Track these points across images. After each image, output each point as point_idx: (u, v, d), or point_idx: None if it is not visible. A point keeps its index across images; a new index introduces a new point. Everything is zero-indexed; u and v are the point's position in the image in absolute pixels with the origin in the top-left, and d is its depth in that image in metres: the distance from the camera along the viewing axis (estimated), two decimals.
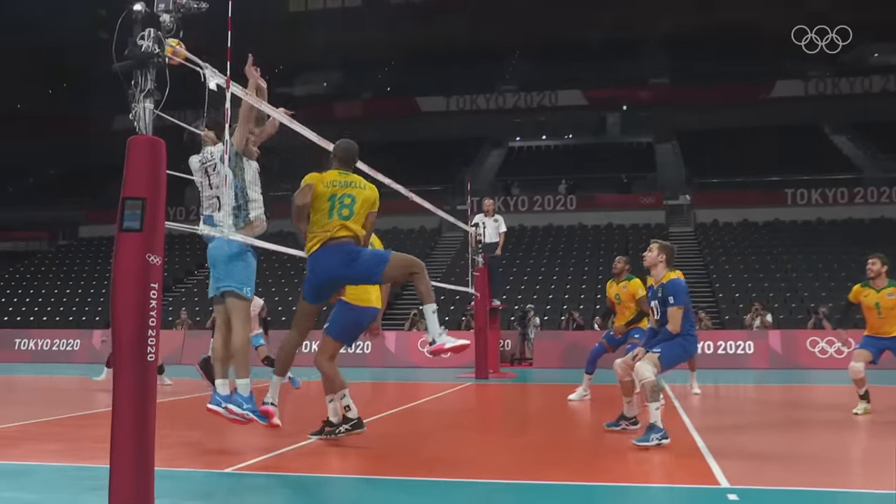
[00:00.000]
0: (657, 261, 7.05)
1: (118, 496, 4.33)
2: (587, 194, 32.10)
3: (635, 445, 6.34)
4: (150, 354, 4.37)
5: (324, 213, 5.92)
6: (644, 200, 31.36)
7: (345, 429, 6.64)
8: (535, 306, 21.50)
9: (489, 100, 40.22)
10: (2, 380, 15.23)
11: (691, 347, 6.90)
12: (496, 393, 12.66)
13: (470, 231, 15.27)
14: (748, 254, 26.40)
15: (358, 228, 5.97)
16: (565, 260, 27.06)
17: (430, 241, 30.35)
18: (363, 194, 6.05)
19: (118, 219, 4.41)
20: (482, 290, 14.96)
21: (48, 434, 7.43)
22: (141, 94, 4.40)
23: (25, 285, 28.72)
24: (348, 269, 5.86)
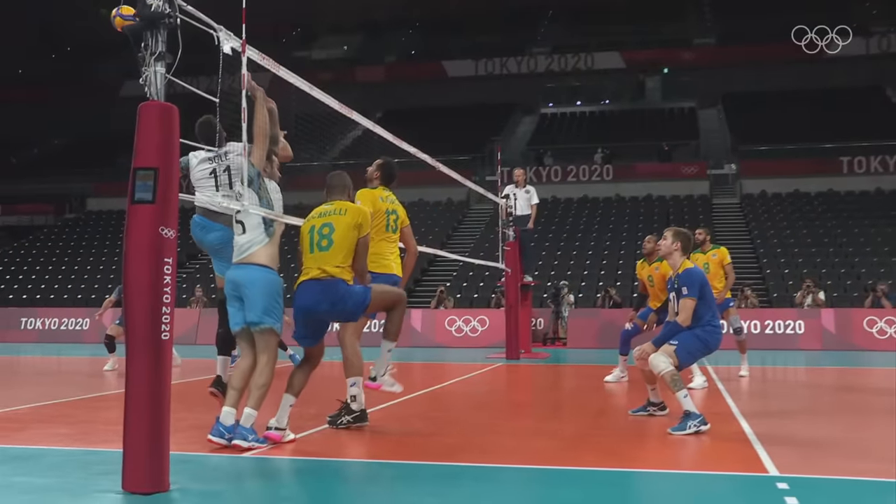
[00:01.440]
0: (672, 249, 7.02)
1: (132, 481, 4.41)
2: (625, 164, 31.86)
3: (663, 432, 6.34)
4: (164, 333, 4.42)
5: (305, 249, 6.06)
6: (686, 170, 31.06)
7: (346, 420, 6.64)
8: (569, 283, 21.44)
9: (520, 63, 39.95)
10: (9, 361, 15.50)
11: (713, 340, 6.83)
12: (528, 374, 12.68)
13: (500, 203, 15.24)
14: (799, 227, 26.12)
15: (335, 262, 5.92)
16: (601, 234, 26.93)
17: (457, 213, 30.34)
18: (342, 221, 6.00)
19: (129, 190, 4.45)
20: (513, 265, 14.94)
21: (58, 417, 7.55)
22: (151, 57, 4.41)
23: (31, 262, 29.10)
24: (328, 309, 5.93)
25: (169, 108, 4.48)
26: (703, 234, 11.04)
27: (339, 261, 5.92)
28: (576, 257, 25.23)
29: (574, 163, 31.96)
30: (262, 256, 5.83)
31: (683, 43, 39.73)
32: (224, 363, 6.72)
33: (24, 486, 4.69)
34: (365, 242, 6.02)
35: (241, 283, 5.82)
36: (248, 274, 5.82)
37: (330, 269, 5.90)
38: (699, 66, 38.41)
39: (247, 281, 5.80)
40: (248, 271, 5.83)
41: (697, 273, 6.87)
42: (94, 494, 4.48)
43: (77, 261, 28.30)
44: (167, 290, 4.45)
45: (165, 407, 4.48)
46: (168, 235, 4.45)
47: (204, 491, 4.61)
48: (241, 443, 5.63)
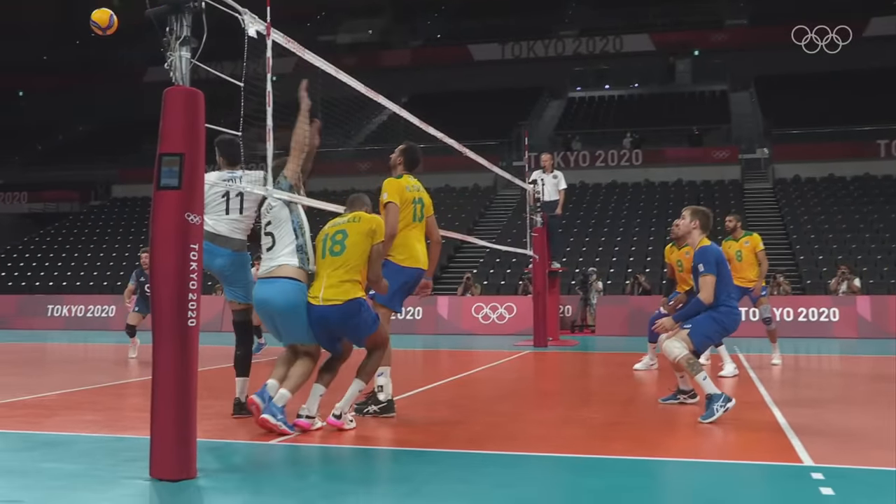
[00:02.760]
0: (690, 228, 6.97)
1: (159, 468, 4.46)
2: (654, 148, 31.64)
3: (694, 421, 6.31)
4: (191, 319, 4.45)
5: (318, 256, 6.02)
6: (717, 154, 30.79)
7: (372, 410, 6.66)
8: (598, 269, 21.38)
9: (547, 46, 39.72)
10: (36, 347, 15.72)
11: (729, 321, 6.73)
12: (556, 362, 12.67)
13: (527, 189, 15.20)
14: (833, 212, 25.83)
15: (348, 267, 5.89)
16: (630, 219, 26.80)
17: (484, 199, 30.30)
18: (356, 227, 5.99)
19: (155, 176, 4.47)
20: (541, 251, 14.91)
21: (86, 403, 7.65)
22: (176, 41, 4.42)
23: (57, 249, 29.44)
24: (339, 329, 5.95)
25: (194, 92, 4.50)
26: (734, 221, 10.93)
27: (351, 265, 5.86)
28: (604, 244, 25.13)
29: (602, 147, 31.78)
30: (291, 269, 5.79)
31: (715, 24, 39.30)
32: (243, 385, 6.61)
33: (54, 472, 4.75)
34: (378, 250, 6.00)
35: (272, 309, 5.88)
36: (276, 293, 5.80)
37: (342, 286, 5.81)
38: (731, 48, 37.99)
39: (277, 307, 5.84)
40: (275, 288, 5.81)
41: (713, 249, 6.81)
42: (122, 481, 4.54)
43: (102, 248, 28.59)
44: (193, 277, 4.47)
45: (192, 394, 4.52)
46: (194, 221, 4.47)
47: (231, 478, 4.65)
48: (269, 418, 5.68)
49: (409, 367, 11.56)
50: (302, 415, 5.91)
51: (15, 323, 21.96)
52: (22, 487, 4.42)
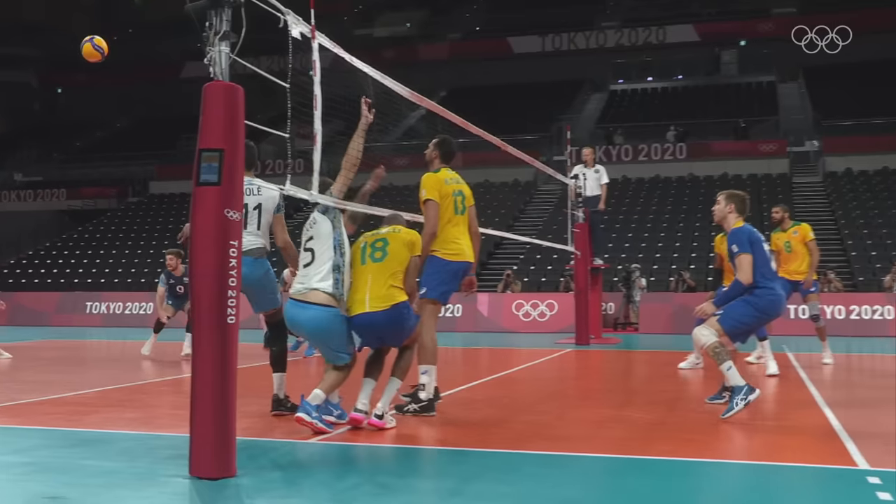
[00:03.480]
0: (726, 212, 6.94)
1: (199, 466, 4.50)
2: (699, 141, 31.33)
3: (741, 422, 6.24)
4: (230, 317, 4.49)
5: (355, 263, 6.08)
6: (764, 148, 30.40)
7: (413, 409, 6.68)
8: (641, 266, 21.24)
9: (589, 38, 39.48)
10: (75, 345, 15.98)
11: (766, 304, 6.62)
12: (598, 360, 12.61)
13: (569, 184, 15.14)
14: (887, 206, 25.38)
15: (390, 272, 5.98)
16: (674, 214, 26.59)
17: (524, 194, 30.24)
18: (397, 237, 6.13)
19: (194, 172, 4.51)
20: (582, 248, 14.85)
21: (125, 401, 7.76)
22: (216, 36, 4.46)
23: (95, 245, 29.90)
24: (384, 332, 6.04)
25: (234, 87, 4.53)
26: (781, 212, 10.86)
27: (393, 270, 5.95)
28: (648, 240, 24.95)
29: (646, 141, 31.54)
30: (323, 296, 5.79)
31: (762, 13, 38.75)
32: (281, 381, 6.66)
33: (94, 469, 4.82)
34: (416, 263, 6.12)
35: (303, 332, 6.00)
36: (307, 320, 5.84)
37: (387, 289, 5.90)
38: (779, 37, 37.43)
39: (308, 332, 5.94)
40: (307, 314, 5.82)
41: (745, 229, 6.76)
42: (161, 479, 4.59)
43: (140, 244, 28.97)
44: (233, 274, 4.50)
45: (232, 392, 4.56)
46: (233, 218, 4.50)
47: (271, 477, 4.68)
48: (303, 416, 5.72)
49: (450, 366, 11.56)
50: (360, 409, 5.97)
51: (54, 320, 22.33)
52: (63, 485, 4.49)
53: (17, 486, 4.49)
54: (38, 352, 13.86)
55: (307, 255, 5.92)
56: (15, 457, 5.17)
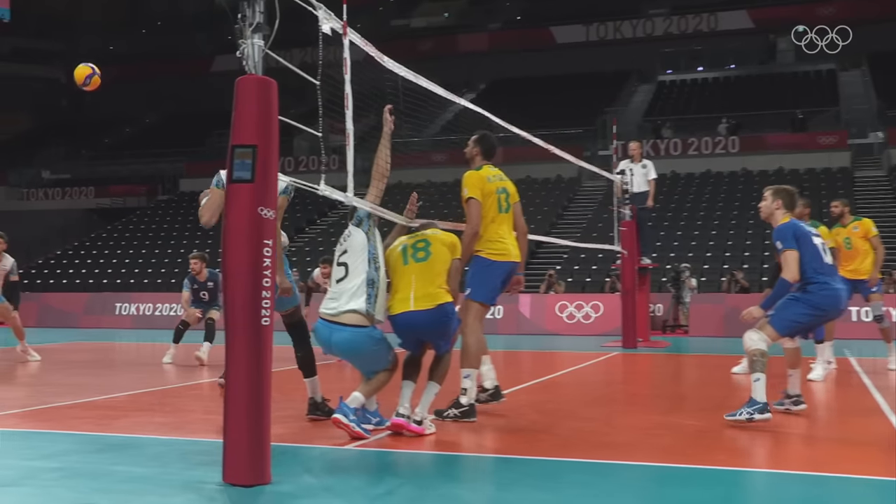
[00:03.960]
0: (773, 209, 6.86)
1: (232, 473, 4.55)
2: (753, 134, 30.98)
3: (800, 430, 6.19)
4: (264, 318, 4.53)
5: (397, 265, 6.17)
6: (824, 140, 29.99)
7: (453, 413, 6.71)
8: (691, 265, 21.07)
9: (636, 26, 39.23)
10: (105, 347, 16.21)
11: (821, 300, 6.51)
12: (646, 364, 12.54)
13: (615, 180, 15.07)
14: None
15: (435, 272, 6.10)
16: (726, 211, 26.33)
17: (567, 191, 30.13)
18: (438, 239, 6.26)
19: (227, 169, 4.56)
20: (629, 247, 14.77)
21: (156, 405, 7.87)
22: (249, 28, 4.50)
23: (125, 245, 30.30)
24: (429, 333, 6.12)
25: (267, 81, 4.57)
26: (840, 207, 10.71)
27: (437, 270, 6.07)
28: (698, 238, 24.75)
29: (696, 134, 31.25)
30: (356, 317, 5.82)
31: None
32: (314, 384, 6.68)
33: (125, 475, 4.90)
34: (457, 266, 6.23)
35: (336, 353, 6.03)
36: (341, 342, 5.88)
37: (433, 289, 6.01)
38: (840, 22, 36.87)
39: (343, 351, 5.97)
40: (341, 336, 5.86)
41: (790, 224, 6.71)
42: (194, 486, 4.65)
43: (171, 244, 29.32)
44: (267, 274, 4.54)
45: (266, 396, 4.60)
46: (267, 216, 4.55)
47: (306, 484, 4.72)
48: (340, 417, 5.76)
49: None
50: (403, 414, 6.01)
51: (82, 321, 22.67)
52: (94, 490, 4.56)
53: (47, 492, 4.57)
54: (67, 354, 14.10)
55: (340, 269, 5.95)
56: (44, 462, 5.26)
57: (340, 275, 5.95)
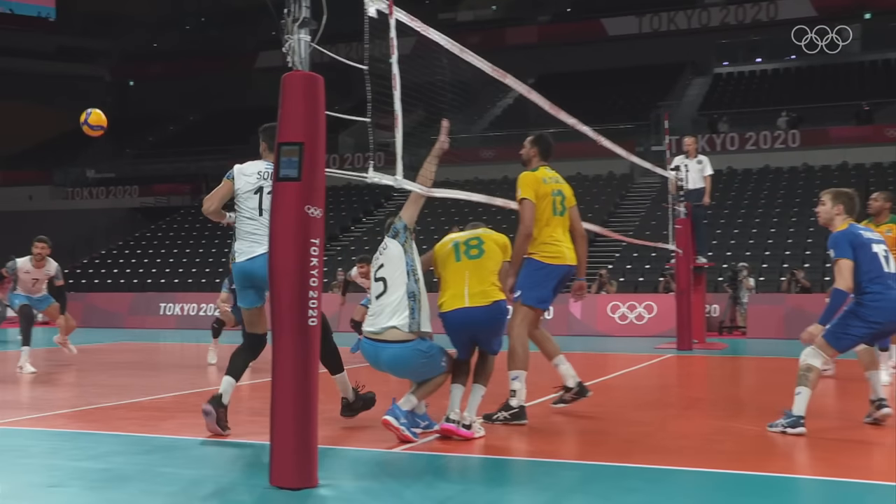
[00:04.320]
0: (833, 214, 6.64)
1: (279, 476, 4.59)
2: (815, 128, 30.51)
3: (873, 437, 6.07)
4: (311, 318, 4.56)
5: (448, 261, 6.26)
6: (891, 133, 29.39)
7: (503, 416, 6.71)
8: (749, 264, 20.84)
9: (690, 17, 38.82)
10: (150, 347, 16.45)
11: (876, 313, 6.26)
12: (702, 367, 12.44)
13: (669, 176, 14.95)
14: None
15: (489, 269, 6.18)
16: (786, 208, 25.98)
17: (619, 188, 29.95)
18: (490, 237, 6.35)
19: (274, 167, 4.60)
20: (684, 245, 14.65)
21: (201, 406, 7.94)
22: (295, 24, 4.53)
23: (168, 244, 30.71)
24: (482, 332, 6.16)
25: (314, 77, 4.60)
26: (880, 202, 9.64)
27: (490, 268, 6.14)
28: (756, 236, 24.46)
29: (753, 128, 30.87)
30: (400, 333, 5.81)
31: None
32: (344, 381, 6.63)
33: (171, 477, 4.97)
34: (507, 269, 6.33)
35: (385, 368, 6.03)
36: (388, 359, 5.89)
37: (487, 286, 6.06)
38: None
39: (391, 367, 5.97)
40: (387, 353, 5.87)
41: (848, 231, 6.49)
42: (240, 488, 4.71)
43: (215, 243, 29.64)
44: (314, 273, 4.57)
45: (313, 398, 4.63)
46: (314, 214, 4.58)
47: (353, 487, 4.75)
48: (391, 420, 5.79)
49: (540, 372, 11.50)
50: (452, 419, 6.02)
51: (127, 322, 23.03)
52: (141, 493, 4.64)
53: (96, 493, 4.66)
54: (112, 355, 14.33)
55: (379, 285, 5.94)
56: (92, 463, 5.36)
57: (380, 290, 5.94)
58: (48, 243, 11.43)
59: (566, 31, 40.31)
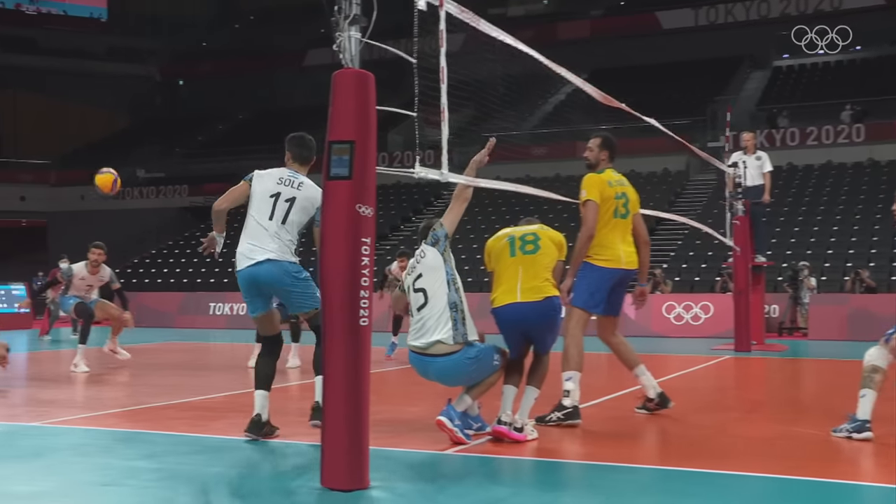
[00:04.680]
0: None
1: (330, 477, 4.62)
2: (881, 121, 29.89)
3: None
4: (363, 318, 4.59)
5: (503, 254, 6.25)
6: None
7: (557, 417, 6.70)
8: (810, 263, 20.56)
9: (749, 9, 38.32)
10: (200, 347, 16.67)
11: None
12: (761, 369, 12.31)
13: (727, 172, 14.80)
14: None
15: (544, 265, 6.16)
16: (850, 205, 25.57)
17: (675, 185, 29.69)
18: (547, 234, 6.32)
19: (324, 166, 4.64)
20: (743, 243, 14.50)
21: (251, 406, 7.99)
22: (346, 21, 4.57)
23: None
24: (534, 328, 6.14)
25: (365, 75, 4.63)
26: None
27: (545, 264, 6.12)
28: (818, 234, 24.11)
29: (815, 123, 30.38)
30: (446, 347, 5.78)
31: None
32: None
33: (222, 477, 5.04)
34: (561, 268, 6.29)
35: (435, 380, 6.03)
36: (437, 373, 5.91)
37: (540, 282, 6.05)
38: None
39: (441, 379, 5.98)
40: (435, 367, 5.86)
41: None
42: (291, 490, 4.75)
43: None
44: (365, 273, 4.60)
45: (365, 399, 4.66)
46: (366, 213, 4.60)
47: (405, 489, 4.76)
48: (445, 420, 5.80)
49: (594, 373, 11.48)
50: (505, 422, 6.01)
51: (177, 321, 23.35)
52: (193, 493, 4.70)
53: (148, 492, 4.73)
54: (163, 354, 14.55)
55: (419, 296, 5.91)
56: (144, 462, 5.45)
57: (420, 302, 5.87)
58: (104, 250, 11.54)
59: (619, 25, 40.01)
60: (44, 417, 7.20)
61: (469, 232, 26.51)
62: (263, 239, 6.27)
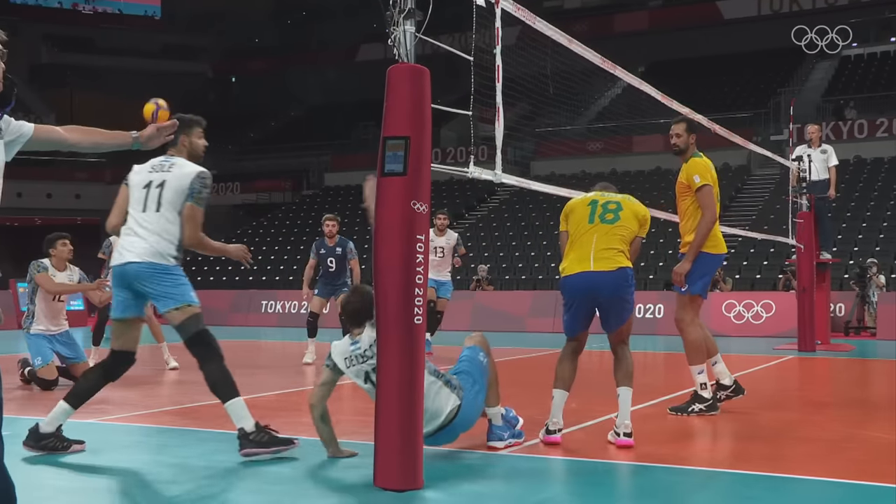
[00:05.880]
0: None
1: (383, 476, 4.65)
2: None
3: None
4: (417, 316, 4.61)
5: (582, 220, 6.06)
6: None
7: (698, 408, 6.95)
8: (879, 261, 20.18)
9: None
10: (251, 345, 16.85)
11: None
12: (827, 369, 12.13)
13: (791, 167, 14.60)
14: None
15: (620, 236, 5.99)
16: None
17: (736, 180, 29.34)
18: (631, 206, 6.11)
19: (379, 162, 4.67)
20: (807, 240, 14.29)
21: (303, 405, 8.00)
22: (400, 15, 4.59)
23: (270, 241, 31.34)
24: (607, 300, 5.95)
25: (420, 70, 4.65)
26: None
27: (622, 235, 5.92)
28: (886, 230, 23.67)
29: (885, 114, 29.80)
30: (455, 405, 5.53)
31: None
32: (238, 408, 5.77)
33: (274, 476, 5.09)
34: (638, 246, 6.12)
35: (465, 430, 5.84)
36: (460, 427, 5.68)
37: (614, 253, 5.86)
38: None
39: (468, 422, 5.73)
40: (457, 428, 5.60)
41: None
42: (344, 489, 4.79)
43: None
44: (420, 270, 4.62)
45: (419, 397, 4.68)
46: (420, 210, 4.62)
47: (460, 490, 4.77)
48: (497, 444, 5.78)
49: (652, 373, 11.41)
50: (551, 429, 5.95)
51: (229, 319, 23.57)
52: (245, 491, 4.77)
53: (202, 490, 4.80)
54: None
55: None
56: (197, 460, 5.53)
57: None
58: None
59: (679, 16, 39.63)
60: (99, 414, 7.33)
61: (523, 229, 26.46)
62: (134, 235, 5.85)
